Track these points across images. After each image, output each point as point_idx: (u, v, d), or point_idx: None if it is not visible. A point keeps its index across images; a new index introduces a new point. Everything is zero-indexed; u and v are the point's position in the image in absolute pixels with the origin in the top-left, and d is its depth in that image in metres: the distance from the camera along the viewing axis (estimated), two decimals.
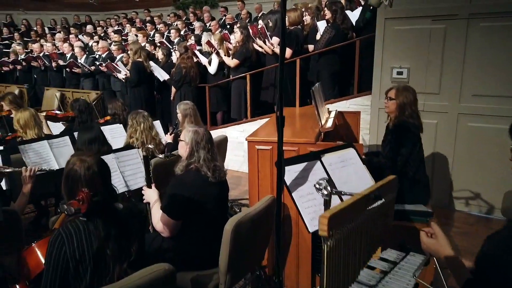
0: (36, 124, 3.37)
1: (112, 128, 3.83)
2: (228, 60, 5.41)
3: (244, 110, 5.46)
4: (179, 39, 7.71)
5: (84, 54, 7.65)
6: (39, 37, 10.49)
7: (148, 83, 5.89)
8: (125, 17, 11.11)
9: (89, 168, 1.56)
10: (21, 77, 8.59)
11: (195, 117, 3.87)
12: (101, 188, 1.58)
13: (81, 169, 1.55)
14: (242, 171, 5.55)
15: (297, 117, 3.35)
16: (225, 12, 9.83)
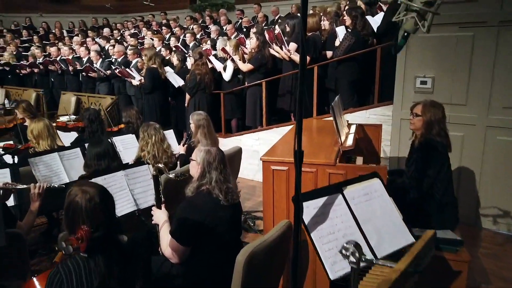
0: (50, 135, 3.30)
1: (124, 138, 3.75)
2: (242, 65, 5.29)
3: (260, 118, 5.32)
4: (195, 43, 7.63)
5: (100, 58, 7.64)
6: (57, 39, 10.59)
7: (163, 89, 5.81)
8: (142, 20, 11.11)
9: (91, 200, 1.45)
10: (39, 80, 8.66)
11: (208, 128, 3.75)
12: (103, 220, 1.47)
13: (83, 201, 1.44)
14: (256, 180, 5.42)
15: (315, 130, 3.19)
16: (241, 15, 9.73)
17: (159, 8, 11.92)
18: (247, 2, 10.87)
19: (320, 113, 4.90)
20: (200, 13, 10.75)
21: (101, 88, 7.67)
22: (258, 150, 5.35)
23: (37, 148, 3.27)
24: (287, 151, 2.51)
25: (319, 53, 4.83)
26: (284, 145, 2.76)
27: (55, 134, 3.38)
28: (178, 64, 6.06)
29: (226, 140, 5.58)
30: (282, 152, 2.54)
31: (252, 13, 10.06)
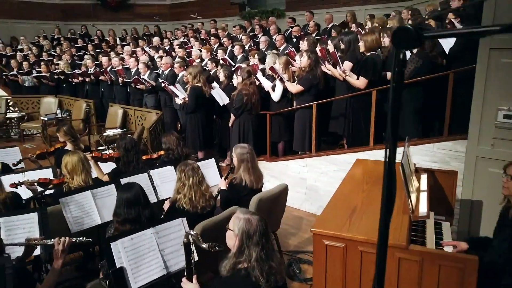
0: (84, 170, 3.12)
1: (162, 171, 3.49)
2: (291, 86, 4.88)
3: (308, 143, 4.88)
4: (243, 55, 7.34)
5: (148, 70, 7.58)
6: (109, 48, 10.78)
7: (206, 108, 5.54)
8: (192, 28, 11.04)
9: None
10: (90, 90, 8.79)
11: (252, 163, 3.40)
12: None
13: None
14: (303, 210, 4.99)
15: (374, 179, 2.70)
16: (292, 24, 9.31)
17: (209, 16, 11.81)
18: (298, 9, 10.42)
19: (377, 141, 4.38)
20: (249, 21, 10.47)
21: (148, 100, 7.62)
22: (305, 177, 4.92)
23: (70, 183, 3.09)
24: (344, 218, 2.07)
25: (378, 75, 4.30)
26: (341, 208, 2.31)
27: (90, 167, 3.19)
28: (224, 81, 5.78)
29: (271, 164, 5.20)
30: (337, 223, 2.09)
31: (303, 20, 9.61)
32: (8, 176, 3.54)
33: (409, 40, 0.68)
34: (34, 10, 12.31)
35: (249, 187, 3.34)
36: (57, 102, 8.69)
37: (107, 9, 13.24)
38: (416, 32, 0.66)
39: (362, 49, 4.29)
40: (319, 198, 4.80)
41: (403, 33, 0.69)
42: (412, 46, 0.71)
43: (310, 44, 5.97)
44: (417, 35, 0.67)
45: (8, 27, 11.86)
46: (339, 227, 1.98)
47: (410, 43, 0.69)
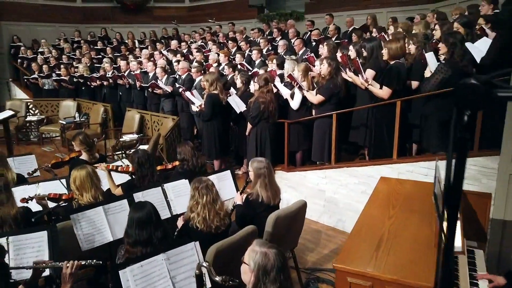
0: (93, 185, 3.03)
1: (176, 185, 3.38)
2: (311, 96, 4.71)
3: (328, 153, 4.70)
4: (261, 59, 7.20)
5: (166, 75, 7.54)
6: (128, 51, 10.80)
7: (223, 115, 5.42)
8: (209, 31, 10.96)
9: None
10: (108, 94, 8.81)
11: (269, 178, 3.26)
12: None
13: None
14: (321, 222, 4.82)
15: (400, 202, 2.51)
16: (311, 27, 9.11)
17: (227, 18, 11.72)
18: (318, 12, 10.22)
19: (401, 153, 4.17)
20: (267, 24, 10.32)
21: (165, 105, 7.58)
22: (324, 189, 4.74)
23: (80, 200, 3.01)
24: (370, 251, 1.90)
25: (403, 84, 4.09)
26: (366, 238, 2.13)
27: (99, 183, 3.10)
28: (241, 87, 5.65)
29: (289, 174, 5.05)
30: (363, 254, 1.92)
31: (322, 23, 9.41)
32: (22, 187, 3.50)
33: (476, 99, 0.53)
34: (55, 13, 12.45)
35: (266, 203, 3.20)
36: (76, 106, 8.74)
37: (126, 12, 13.30)
38: (485, 90, 0.51)
39: (386, 57, 4.09)
40: (338, 211, 4.63)
41: (469, 91, 0.54)
42: (481, 107, 0.56)
43: (330, 49, 5.79)
44: (486, 94, 0.52)
45: (30, 30, 12.03)
46: (364, 263, 1.82)
47: (477, 104, 0.54)
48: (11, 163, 4.26)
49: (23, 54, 11.02)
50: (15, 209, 2.80)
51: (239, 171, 6.05)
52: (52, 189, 3.51)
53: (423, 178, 3.83)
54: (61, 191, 3.42)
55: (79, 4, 12.94)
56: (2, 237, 2.38)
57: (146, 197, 3.16)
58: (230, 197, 3.74)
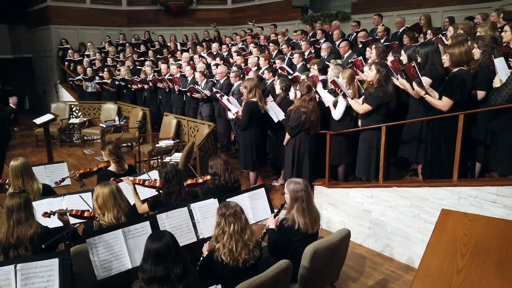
0: (116, 205, 2.78)
1: (204, 205, 3.08)
2: (357, 105, 4.24)
3: (375, 170, 4.22)
4: (302, 63, 6.80)
5: (204, 79, 7.34)
6: (170, 54, 10.78)
7: (261, 124, 5.07)
8: (250, 33, 10.69)
9: None
10: (148, 97, 8.78)
11: (307, 203, 2.87)
12: None
13: None
14: (366, 246, 4.34)
15: (471, 249, 2.00)
16: (357, 28, 8.55)
17: (269, 20, 11.40)
18: (365, 12, 9.63)
19: (462, 174, 3.61)
20: (311, 25, 9.87)
21: (203, 110, 7.38)
22: (370, 209, 4.26)
23: (101, 219, 2.77)
24: None
25: (468, 94, 3.53)
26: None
27: (122, 202, 2.85)
28: (281, 93, 5.29)
29: (330, 190, 4.62)
30: None
31: (370, 24, 8.82)
32: (47, 200, 3.36)
33: None
34: (102, 17, 12.74)
35: (303, 231, 2.81)
36: (117, 109, 8.77)
37: (169, 15, 13.36)
38: None
39: (448, 63, 3.55)
40: (386, 235, 4.13)
41: None
42: None
43: (379, 53, 5.29)
44: None
45: (78, 33, 12.37)
46: None
47: None
48: (42, 171, 4.20)
49: (70, 56, 11.32)
50: (33, 229, 2.62)
51: (276, 182, 5.69)
52: (77, 203, 3.34)
53: (490, 206, 3.28)
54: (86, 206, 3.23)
55: (124, 7, 13.16)
56: (10, 264, 2.19)
57: (171, 219, 2.89)
58: (263, 218, 3.40)
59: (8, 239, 2.54)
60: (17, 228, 2.57)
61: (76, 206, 3.34)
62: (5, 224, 2.57)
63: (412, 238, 3.91)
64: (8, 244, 2.54)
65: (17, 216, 2.58)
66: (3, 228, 2.57)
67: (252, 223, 3.32)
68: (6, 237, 2.54)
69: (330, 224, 4.67)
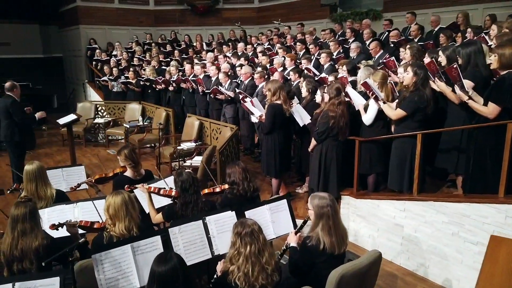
0: (128, 215, 2.59)
1: (219, 219, 2.85)
2: (390, 110, 3.90)
3: (408, 181, 3.87)
4: (330, 64, 6.47)
5: (228, 80, 7.14)
6: (195, 53, 10.66)
7: (285, 127, 4.80)
8: (277, 33, 10.41)
9: None
10: (172, 97, 8.68)
11: (334, 220, 2.59)
12: None
13: None
14: (397, 263, 4.00)
15: None
16: (389, 26, 8.12)
17: (296, 18, 11.08)
18: (398, 10, 9.16)
19: (510, 190, 3.23)
20: (340, 24, 9.49)
21: (227, 111, 7.20)
22: (402, 224, 3.91)
23: (111, 230, 2.59)
24: None
25: None
26: None
27: (134, 212, 2.65)
28: (307, 96, 5.01)
29: (358, 201, 4.29)
30: None
31: (402, 22, 8.36)
32: (59, 207, 3.22)
33: None
34: (129, 16, 12.79)
35: (329, 252, 2.53)
36: (141, 109, 8.72)
37: (196, 15, 13.28)
38: None
39: (495, 65, 3.17)
40: (420, 253, 3.77)
41: None
42: None
43: (413, 54, 4.91)
44: None
45: (106, 33, 12.47)
46: None
47: None
48: (59, 174, 4.10)
49: (98, 56, 11.41)
50: (38, 241, 2.46)
51: (301, 189, 5.41)
52: (90, 211, 3.19)
53: None
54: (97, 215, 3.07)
55: (151, 7, 13.17)
56: (9, 283, 2.03)
57: (184, 233, 2.67)
58: (284, 233, 3.14)
59: (12, 251, 2.40)
60: (21, 240, 2.42)
61: (89, 214, 3.20)
62: (9, 235, 2.43)
63: (449, 258, 3.54)
64: (12, 256, 2.40)
65: (21, 227, 2.43)
66: (7, 239, 2.43)
67: (273, 238, 3.08)
68: (10, 249, 2.40)
69: (358, 238, 4.35)
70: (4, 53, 13.14)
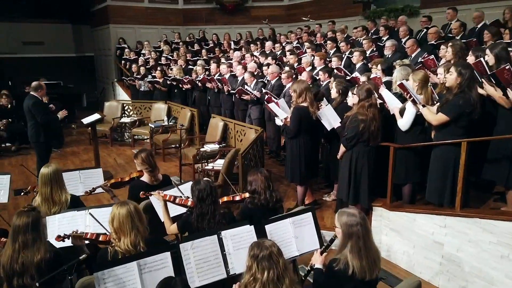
0: (134, 228, 2.37)
1: (236, 234, 2.57)
2: (430, 115, 3.50)
3: (450, 193, 3.46)
4: (363, 63, 6.08)
5: (254, 80, 6.88)
6: (222, 53, 10.48)
7: (312, 131, 4.48)
8: (307, 30, 10.05)
9: None
10: (198, 97, 8.53)
11: (365, 241, 2.28)
12: None
13: None
14: (435, 285, 3.60)
15: None
16: (428, 23, 7.60)
17: (327, 16, 10.67)
18: (438, 5, 8.58)
19: None
20: (373, 21, 9.02)
21: (253, 112, 6.96)
22: (442, 242, 3.51)
23: (116, 245, 2.38)
24: None
25: None
26: None
27: (141, 225, 2.43)
28: (337, 98, 4.67)
29: (392, 214, 3.92)
30: None
31: (442, 19, 7.82)
32: (70, 213, 3.06)
33: None
34: (159, 16, 12.78)
35: (359, 277, 2.21)
36: (166, 109, 8.61)
37: (224, 13, 13.11)
38: None
39: None
40: (462, 275, 3.37)
41: None
42: None
43: (456, 52, 4.49)
44: None
45: (135, 32, 12.52)
46: None
47: None
48: (77, 176, 3.97)
49: (127, 55, 11.45)
50: (41, 255, 2.28)
51: (328, 197, 5.08)
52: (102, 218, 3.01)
53: None
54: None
55: (180, 6, 13.12)
56: None
57: (197, 249, 2.42)
58: (308, 250, 2.83)
59: (12, 265, 2.23)
60: (22, 253, 2.25)
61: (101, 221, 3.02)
62: (9, 247, 2.27)
63: (498, 283, 3.12)
64: (12, 271, 2.24)
65: (23, 239, 2.26)
66: (8, 251, 2.26)
67: (295, 256, 2.78)
68: (10, 262, 2.23)
69: (391, 253, 3.97)
70: (38, 52, 13.48)
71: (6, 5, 12.61)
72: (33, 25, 13.46)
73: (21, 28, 13.38)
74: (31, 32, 13.47)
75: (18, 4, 12.96)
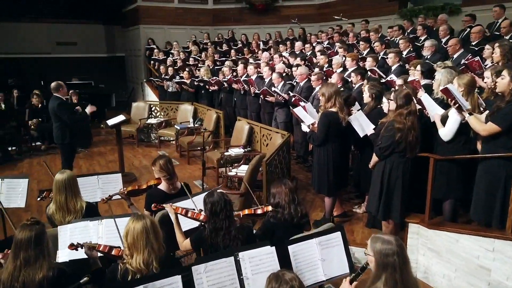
0: (148, 245, 2.16)
1: (255, 255, 2.31)
2: (478, 124, 3.11)
3: (500, 213, 3.07)
4: (399, 64, 5.67)
5: (282, 81, 6.61)
6: (251, 53, 10.27)
7: (342, 138, 4.15)
8: (339, 30, 9.66)
9: None
10: (224, 99, 8.35)
11: (402, 272, 2.00)
12: None
13: None
14: None
15: None
16: (471, 22, 7.06)
17: (361, 15, 10.22)
18: (482, 3, 7.98)
19: None
20: (410, 20, 8.53)
21: (279, 115, 6.69)
22: (489, 267, 3.12)
23: (128, 262, 2.17)
24: None
25: None
26: None
27: (155, 242, 2.21)
28: (370, 102, 4.32)
29: (431, 232, 3.55)
30: None
31: (487, 17, 7.24)
32: (83, 223, 2.91)
33: None
34: (188, 16, 12.75)
35: None
36: (193, 110, 8.48)
37: (254, 13, 12.90)
38: None
39: None
40: None
41: None
42: None
43: (505, 53, 4.05)
44: None
45: (164, 32, 12.53)
46: None
47: None
48: (95, 182, 3.86)
49: (156, 56, 11.46)
50: (43, 273, 2.11)
51: (359, 209, 4.74)
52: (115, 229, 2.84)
53: None
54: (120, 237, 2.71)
55: (210, 6, 13.02)
56: None
57: (211, 272, 2.19)
58: (336, 275, 2.54)
59: (12, 283, 2.08)
60: (24, 271, 2.09)
61: (114, 233, 2.85)
62: (11, 263, 2.11)
63: None
64: None
65: (25, 255, 2.10)
66: (9, 268, 2.11)
67: (322, 281, 2.50)
68: (11, 280, 2.08)
69: (429, 276, 3.60)
70: (71, 52, 13.77)
71: (43, 5, 12.97)
72: (67, 26, 13.77)
73: (56, 29, 13.71)
74: (65, 33, 13.78)
75: (53, 5, 13.28)
